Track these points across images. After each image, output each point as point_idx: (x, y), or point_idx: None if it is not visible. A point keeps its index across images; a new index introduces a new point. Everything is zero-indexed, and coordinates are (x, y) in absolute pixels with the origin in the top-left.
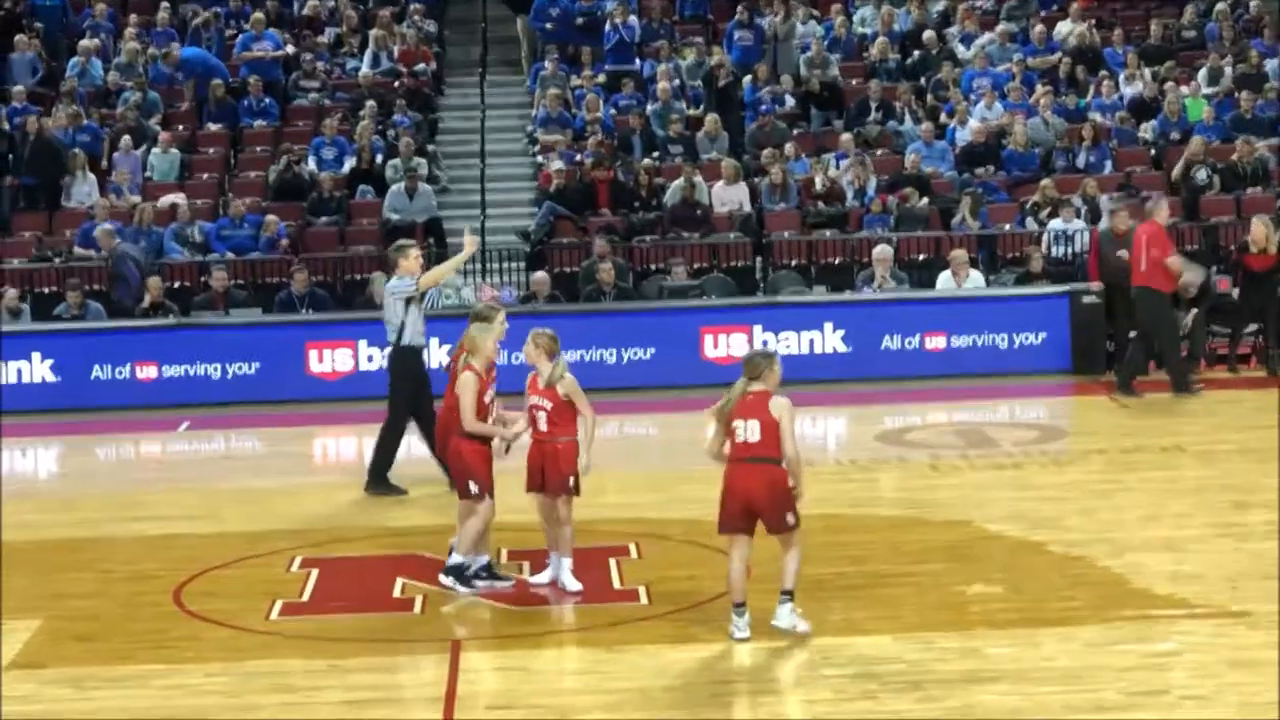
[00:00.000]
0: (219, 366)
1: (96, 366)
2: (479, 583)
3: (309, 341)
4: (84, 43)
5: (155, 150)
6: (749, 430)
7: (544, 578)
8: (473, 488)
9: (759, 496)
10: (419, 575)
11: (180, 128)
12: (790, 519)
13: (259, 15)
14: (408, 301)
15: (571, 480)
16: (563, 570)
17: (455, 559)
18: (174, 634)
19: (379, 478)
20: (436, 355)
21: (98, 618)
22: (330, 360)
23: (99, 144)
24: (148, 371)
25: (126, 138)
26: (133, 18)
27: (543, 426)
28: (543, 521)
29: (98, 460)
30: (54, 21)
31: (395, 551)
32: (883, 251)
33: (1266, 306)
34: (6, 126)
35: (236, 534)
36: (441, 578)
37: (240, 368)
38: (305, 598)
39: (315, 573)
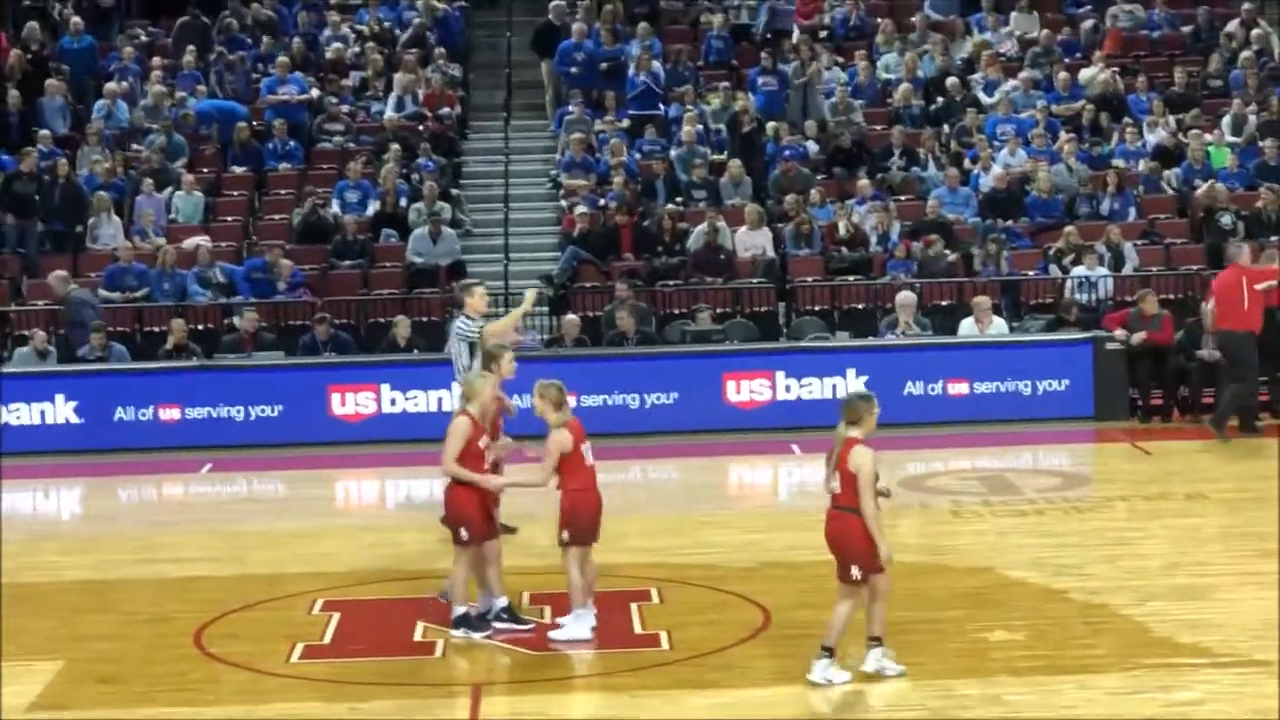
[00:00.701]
0: (242, 409)
1: (120, 408)
2: (499, 624)
3: (331, 384)
4: (110, 86)
5: (179, 193)
6: (833, 479)
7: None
8: (463, 534)
9: (831, 545)
10: (440, 619)
11: (205, 170)
12: (855, 572)
13: (284, 59)
14: (471, 345)
15: (564, 534)
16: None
17: (458, 610)
18: (194, 676)
19: None
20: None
21: (119, 660)
22: (353, 403)
23: (124, 187)
24: (171, 413)
25: (149, 180)
26: (157, 60)
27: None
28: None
29: (120, 502)
30: (82, 65)
31: (417, 594)
32: (906, 298)
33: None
34: (35, 169)
35: (258, 576)
36: (453, 633)
37: (263, 410)
38: (326, 640)
39: (337, 616)
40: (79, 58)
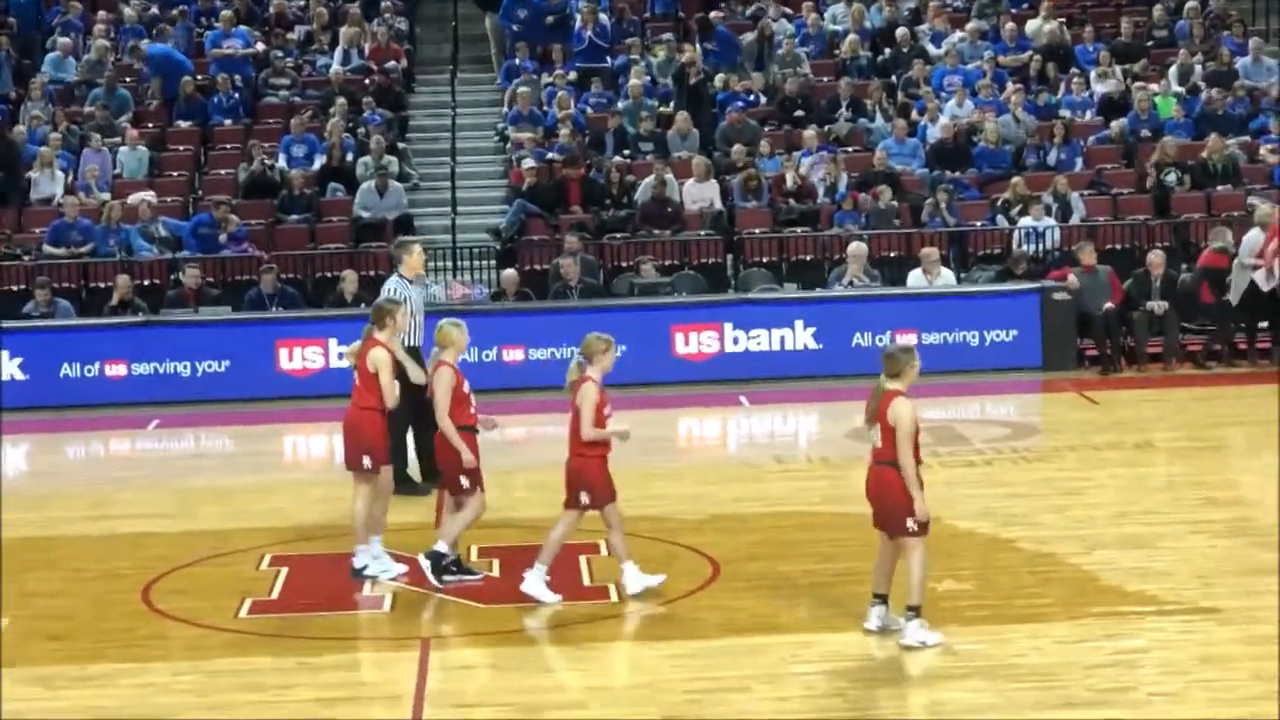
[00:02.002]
0: (189, 364)
1: (65, 364)
2: (449, 577)
3: (279, 339)
4: (62, 40)
5: (124, 148)
6: (875, 433)
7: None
8: (464, 481)
9: (874, 502)
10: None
11: (150, 125)
12: (911, 524)
13: (228, 12)
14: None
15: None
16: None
17: (440, 546)
18: (143, 632)
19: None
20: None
21: (67, 616)
22: (300, 358)
23: (70, 142)
24: (117, 369)
25: (96, 136)
26: (102, 14)
27: None
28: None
29: (67, 459)
30: (28, 20)
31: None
32: (857, 248)
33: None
34: None
35: (206, 532)
36: (420, 558)
37: (210, 366)
38: (274, 596)
39: (285, 571)
40: (24, 11)
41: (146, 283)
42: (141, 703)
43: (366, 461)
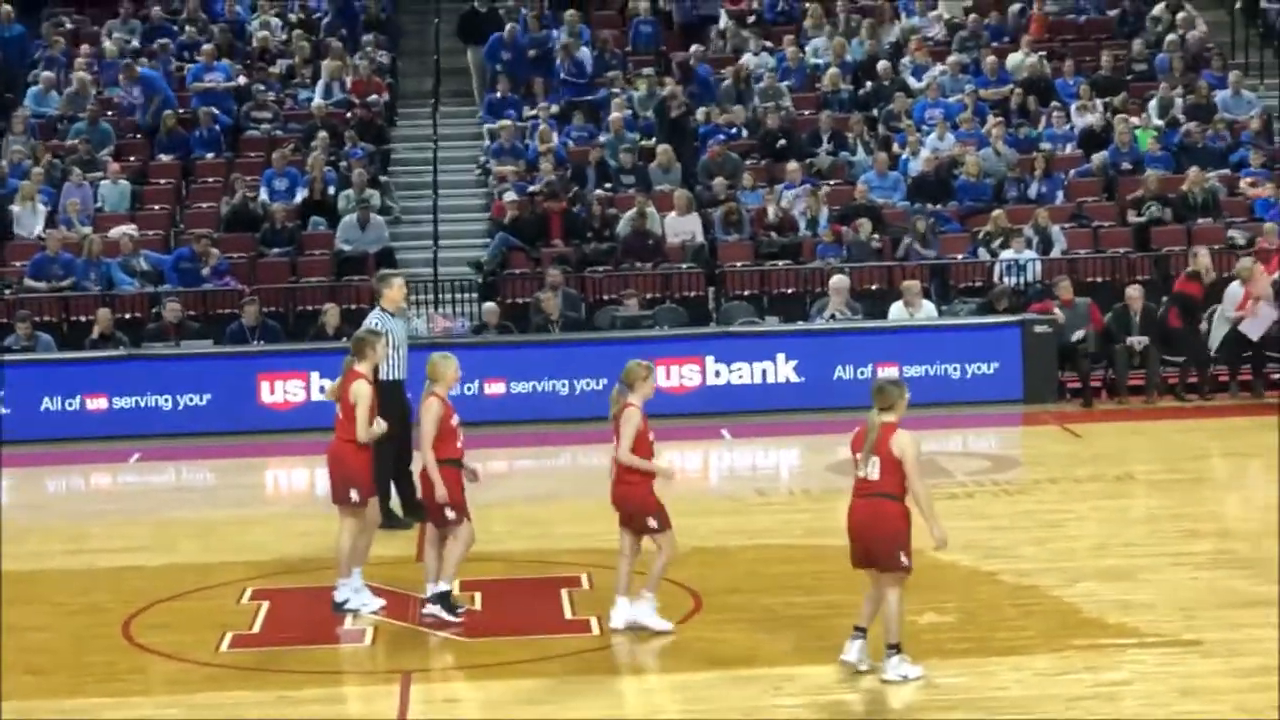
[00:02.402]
0: (170, 398)
1: (46, 398)
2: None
3: (260, 373)
4: (44, 74)
5: (105, 181)
6: (870, 467)
7: (620, 620)
8: (449, 514)
9: (870, 533)
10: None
11: (131, 159)
12: (903, 558)
13: (210, 46)
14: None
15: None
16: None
17: (441, 586)
18: (124, 666)
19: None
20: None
21: (48, 651)
22: (282, 391)
23: (53, 176)
24: (98, 403)
25: (77, 170)
26: (84, 48)
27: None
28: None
29: (47, 492)
30: (13, 53)
31: None
32: (839, 282)
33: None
34: None
35: (187, 566)
36: (427, 608)
37: (191, 399)
38: (256, 629)
39: (266, 605)
40: (9, 46)
41: (128, 316)
42: None
43: (354, 495)
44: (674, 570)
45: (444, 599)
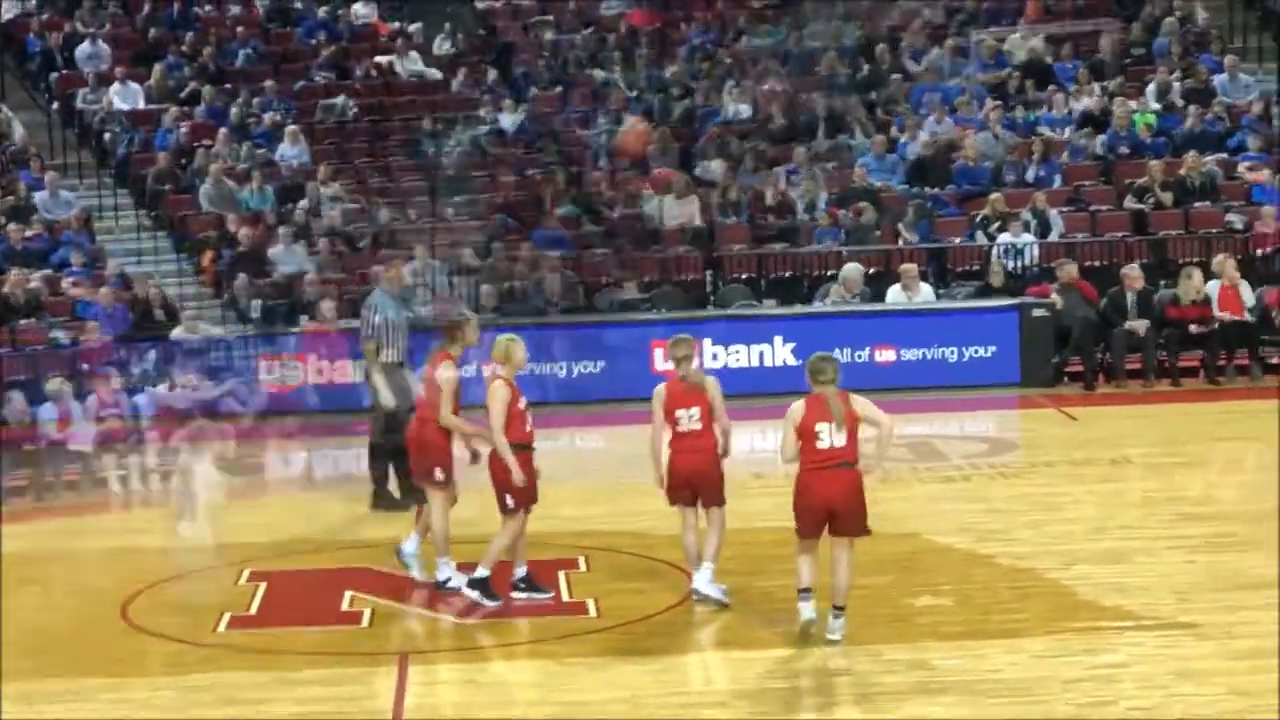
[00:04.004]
0: None
1: None
2: (518, 594)
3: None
4: None
5: None
6: (835, 435)
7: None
8: (508, 500)
9: (850, 502)
10: (368, 588)
11: None
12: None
13: None
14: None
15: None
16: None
17: (481, 571)
18: (121, 648)
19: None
20: None
21: (45, 633)
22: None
23: None
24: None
25: None
26: None
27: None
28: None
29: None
30: None
31: (344, 565)
32: (853, 270)
33: None
34: None
35: (185, 547)
36: (466, 590)
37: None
38: (253, 611)
39: (264, 586)
40: None
41: None
42: (119, 718)
43: (438, 473)
44: (670, 552)
45: (479, 584)
